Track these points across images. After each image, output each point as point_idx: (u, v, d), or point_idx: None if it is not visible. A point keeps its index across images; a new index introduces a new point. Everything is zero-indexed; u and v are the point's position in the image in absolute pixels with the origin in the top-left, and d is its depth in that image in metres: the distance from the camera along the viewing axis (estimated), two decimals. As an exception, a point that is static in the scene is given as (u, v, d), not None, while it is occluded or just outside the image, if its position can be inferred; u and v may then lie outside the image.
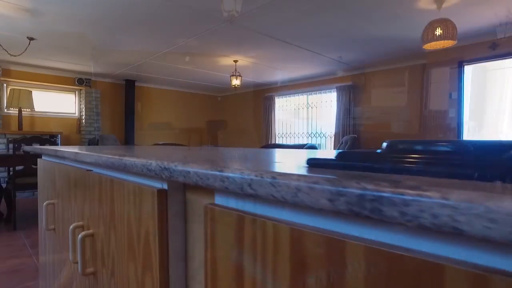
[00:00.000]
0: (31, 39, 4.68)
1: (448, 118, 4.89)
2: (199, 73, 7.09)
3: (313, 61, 5.84)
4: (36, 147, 1.66)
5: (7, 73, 6.44)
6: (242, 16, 3.87)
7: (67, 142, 7.16)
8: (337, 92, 6.95)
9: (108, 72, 7.06)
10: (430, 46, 3.43)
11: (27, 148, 1.69)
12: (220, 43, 4.90)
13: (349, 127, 6.67)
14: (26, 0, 3.47)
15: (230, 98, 9.76)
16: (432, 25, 3.31)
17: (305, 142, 7.86)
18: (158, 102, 8.72)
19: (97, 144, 4.00)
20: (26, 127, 6.62)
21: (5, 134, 4.75)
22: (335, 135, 6.98)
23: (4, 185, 3.85)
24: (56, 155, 1.27)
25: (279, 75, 7.10)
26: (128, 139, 7.83)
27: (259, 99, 8.71)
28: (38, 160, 1.61)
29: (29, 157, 3.34)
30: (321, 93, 7.44)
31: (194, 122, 9.52)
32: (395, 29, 4.26)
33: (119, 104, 8.01)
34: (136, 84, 8.15)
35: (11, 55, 4.78)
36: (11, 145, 4.41)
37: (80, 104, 7.41)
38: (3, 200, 4.03)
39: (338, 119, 6.92)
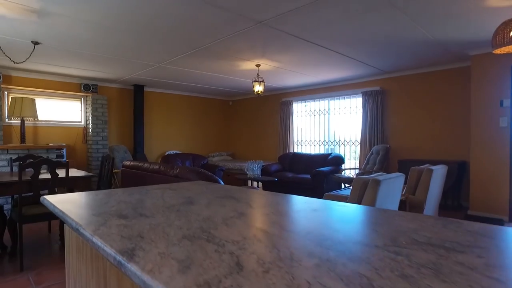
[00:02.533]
0: (35, 43, 4.19)
1: (499, 128, 4.41)
2: (214, 78, 6.60)
3: (341, 64, 5.36)
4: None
5: (8, 79, 5.94)
6: (274, 18, 3.39)
7: (73, 153, 6.67)
8: (363, 97, 6.46)
9: (116, 77, 6.57)
10: (503, 50, 2.95)
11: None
12: (245, 47, 4.42)
13: (377, 136, 6.18)
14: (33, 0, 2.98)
15: (242, 103, 9.26)
16: (508, 25, 2.82)
17: (327, 151, 7.37)
18: (168, 108, 8.23)
19: (113, 163, 3.53)
20: (29, 138, 6.12)
21: (7, 150, 4.25)
22: (361, 143, 6.49)
23: (8, 212, 3.36)
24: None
25: (300, 79, 6.62)
26: (137, 148, 7.33)
27: (275, 104, 8.22)
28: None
29: (38, 183, 2.86)
30: (344, 98, 6.96)
31: (205, 128, 9.03)
32: (442, 30, 3.79)
33: (127, 111, 7.51)
34: (145, 89, 7.65)
35: (14, 62, 4.28)
36: (14, 164, 3.91)
37: (86, 112, 6.91)
38: (6, 230, 3.54)
39: (364, 126, 6.43)
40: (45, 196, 1.39)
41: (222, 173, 6.75)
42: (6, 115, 5.92)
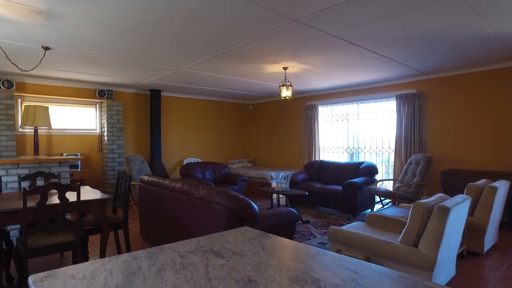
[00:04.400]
0: (46, 48, 3.84)
1: None
2: (236, 81, 6.17)
3: (375, 65, 4.85)
4: None
5: (21, 87, 5.66)
6: (312, 15, 2.93)
7: (88, 162, 6.35)
8: (397, 101, 5.91)
9: (132, 82, 6.22)
10: None
11: None
12: (274, 48, 3.97)
13: (414, 143, 5.62)
14: (39, 0, 2.60)
15: (262, 107, 8.81)
16: None
17: (354, 159, 6.84)
18: (185, 113, 7.85)
19: (130, 180, 3.13)
20: (42, 148, 5.83)
21: (18, 164, 3.92)
22: (395, 152, 5.94)
23: (15, 239, 3.00)
24: None
25: (327, 81, 6.12)
26: (154, 156, 6.97)
27: (299, 108, 7.73)
28: None
29: (46, 210, 2.48)
30: (376, 101, 6.42)
31: (224, 133, 8.61)
32: (497, 25, 3.24)
33: (144, 117, 7.16)
34: (162, 94, 7.29)
35: (22, 70, 3.95)
36: (24, 183, 3.56)
37: (102, 119, 6.59)
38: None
39: (399, 133, 5.88)
40: None
41: (245, 183, 6.32)
42: (20, 124, 5.64)
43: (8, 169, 3.91)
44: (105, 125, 6.43)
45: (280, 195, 5.45)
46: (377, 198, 5.76)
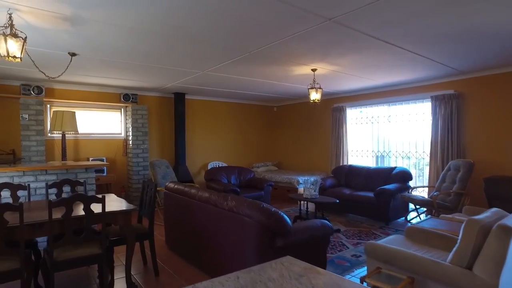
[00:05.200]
0: (72, 54, 3.81)
1: None
2: (262, 84, 6.00)
3: (411, 65, 4.55)
4: None
5: (50, 92, 5.73)
6: (348, 14, 2.72)
7: (113, 166, 6.37)
8: (432, 102, 5.55)
9: (156, 86, 6.17)
10: None
11: None
12: (304, 49, 3.77)
13: (452, 148, 5.25)
14: (65, 6, 2.54)
15: (288, 109, 8.59)
16: None
17: (383, 163, 6.51)
18: (209, 116, 7.76)
19: (155, 189, 3.02)
20: (69, 153, 5.88)
21: (46, 171, 3.92)
22: (430, 157, 5.58)
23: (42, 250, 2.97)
24: None
25: (356, 83, 5.84)
26: (179, 159, 6.91)
27: (326, 110, 7.46)
28: None
29: (71, 222, 2.40)
30: (408, 103, 6.07)
31: (248, 136, 8.47)
32: None
33: (168, 120, 7.12)
34: (186, 97, 7.22)
35: (49, 77, 3.95)
36: (51, 191, 3.54)
37: (126, 123, 6.59)
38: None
39: (434, 136, 5.52)
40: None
41: (271, 189, 6.14)
42: (49, 129, 5.71)
43: (37, 175, 3.92)
44: (130, 129, 6.42)
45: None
46: (411, 206, 5.43)
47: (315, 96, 4.69)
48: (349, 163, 7.00)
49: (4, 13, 2.65)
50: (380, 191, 5.02)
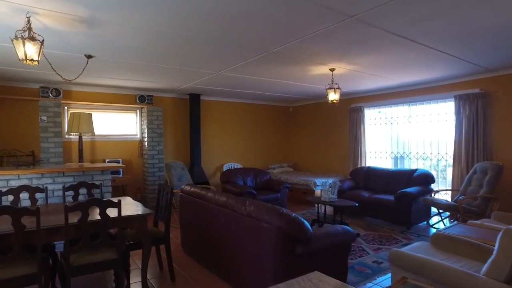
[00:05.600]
0: (89, 57, 3.80)
1: None
2: (279, 84, 5.90)
3: (434, 63, 4.37)
4: None
5: (67, 94, 5.78)
6: (371, 11, 2.59)
7: (129, 168, 6.38)
8: (455, 102, 5.33)
9: (172, 87, 6.15)
10: None
11: None
12: (323, 49, 3.65)
13: (477, 150, 5.02)
14: (81, 8, 2.51)
15: (304, 109, 8.46)
16: None
17: (402, 165, 6.30)
18: (224, 116, 7.71)
19: (171, 193, 2.96)
20: (86, 155, 5.92)
21: (63, 173, 3.93)
22: (454, 159, 5.36)
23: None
24: None
25: (375, 83, 5.67)
26: (194, 160, 6.87)
27: (343, 111, 7.29)
28: None
29: (87, 227, 2.36)
30: (430, 102, 5.86)
31: (263, 136, 8.37)
32: None
33: (183, 122, 7.10)
34: (201, 97, 7.18)
35: (66, 80, 3.95)
36: (67, 193, 3.54)
37: (142, 125, 6.60)
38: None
39: (458, 137, 5.30)
40: None
41: (287, 191, 6.03)
42: (66, 130, 5.76)
43: (55, 177, 3.94)
44: (145, 131, 6.43)
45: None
46: (433, 210, 5.23)
47: (333, 96, 4.56)
48: (367, 164, 6.82)
49: (23, 17, 2.65)
50: (401, 194, 4.84)
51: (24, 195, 3.37)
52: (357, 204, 4.63)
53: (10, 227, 2.16)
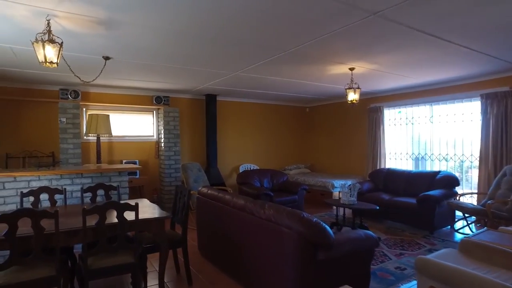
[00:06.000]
0: (106, 58, 3.81)
1: None
2: (296, 84, 5.80)
3: (460, 61, 4.19)
4: None
5: (86, 96, 5.85)
6: (395, 7, 2.47)
7: (146, 169, 6.41)
8: (481, 101, 5.11)
9: (188, 88, 6.14)
10: None
11: None
12: (343, 47, 3.54)
13: (507, 151, 4.80)
14: (99, 9, 2.49)
15: (320, 109, 8.32)
16: None
17: (430, 168, 6.09)
18: (240, 117, 7.66)
19: (189, 196, 2.92)
20: (104, 156, 5.98)
21: (81, 174, 3.95)
22: (480, 160, 5.13)
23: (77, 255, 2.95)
24: None
25: (396, 82, 5.50)
26: (210, 162, 6.85)
27: (362, 111, 7.13)
28: None
29: (105, 230, 2.34)
30: (454, 102, 5.65)
31: (279, 137, 8.27)
32: None
33: (199, 122, 7.09)
34: (217, 98, 7.15)
35: (84, 82, 3.97)
36: (85, 194, 3.56)
37: (158, 126, 6.62)
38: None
39: (485, 138, 5.07)
40: None
41: (305, 192, 5.92)
42: (84, 132, 5.83)
43: (73, 179, 3.96)
44: (162, 132, 6.44)
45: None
46: (458, 214, 5.02)
47: (353, 96, 4.43)
48: (386, 166, 6.64)
49: (43, 20, 2.66)
50: (424, 197, 4.67)
51: (44, 196, 3.40)
52: (378, 208, 4.49)
53: (30, 229, 2.16)
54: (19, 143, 5.36)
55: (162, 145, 6.44)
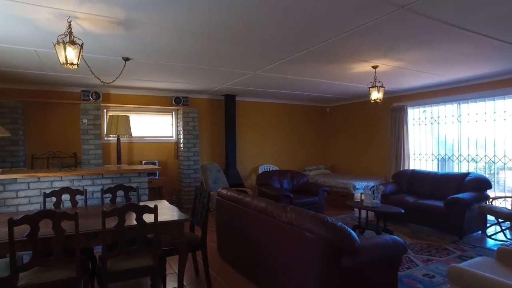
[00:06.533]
0: (126, 59, 3.82)
1: None
2: (316, 84, 5.67)
3: (493, 56, 3.95)
4: None
5: (106, 97, 5.92)
6: (422, 1, 2.33)
7: (165, 169, 6.43)
8: (514, 98, 4.83)
9: (207, 88, 6.11)
10: None
11: None
12: (367, 44, 3.40)
13: (542, 151, 4.51)
14: (118, 9, 2.47)
15: (341, 109, 8.13)
16: None
17: (455, 169, 5.82)
18: (259, 117, 7.58)
19: (209, 198, 2.86)
20: (124, 156, 6.04)
21: (102, 175, 3.97)
22: (513, 161, 4.85)
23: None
24: None
25: (421, 80, 5.28)
26: (229, 162, 6.80)
27: (384, 110, 6.91)
28: None
29: (124, 233, 2.31)
30: (484, 100, 5.37)
31: (299, 137, 8.14)
32: None
33: (218, 123, 7.06)
34: (236, 98, 7.10)
35: (104, 83, 4.00)
36: (105, 196, 3.57)
37: (178, 126, 6.63)
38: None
39: (518, 138, 4.79)
40: None
41: (326, 194, 5.78)
42: (105, 133, 5.90)
43: (94, 179, 3.99)
44: (181, 132, 6.44)
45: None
46: (490, 218, 4.75)
47: (376, 95, 4.27)
48: (410, 167, 6.40)
49: (65, 22, 2.67)
50: (453, 200, 4.44)
51: (65, 197, 3.43)
52: (403, 211, 4.31)
53: (52, 230, 2.15)
54: (43, 144, 5.48)
55: (181, 145, 6.44)
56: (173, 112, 6.70)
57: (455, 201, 4.43)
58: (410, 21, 2.76)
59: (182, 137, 6.42)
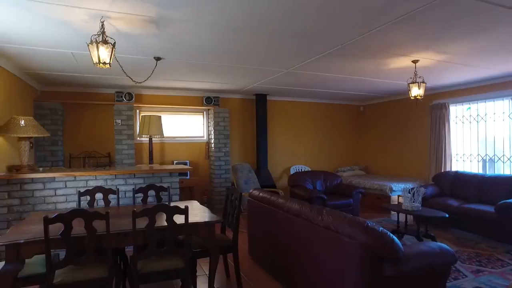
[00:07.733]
0: (157, 59, 3.82)
1: None
2: (351, 81, 5.44)
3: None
4: None
5: (139, 98, 6.03)
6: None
7: (196, 170, 6.44)
8: None
9: (239, 88, 6.05)
10: None
11: None
12: (406, 37, 3.17)
13: None
14: (151, 7, 2.44)
15: (376, 108, 7.79)
16: None
17: (499, 171, 5.35)
18: (290, 117, 7.42)
19: (240, 200, 2.76)
20: (156, 156, 6.11)
21: (134, 174, 4.01)
22: None
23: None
24: None
25: (466, 74, 4.90)
26: (261, 163, 6.70)
27: (423, 108, 6.51)
28: None
29: (154, 233, 2.26)
30: (538, 96, 4.89)
31: (331, 137, 7.89)
32: None
33: (249, 123, 6.98)
34: (268, 98, 6.98)
35: (136, 82, 4.02)
36: (137, 196, 3.58)
37: (209, 126, 6.63)
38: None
39: None
40: None
41: (361, 196, 5.53)
42: (137, 133, 6.00)
43: (126, 179, 4.03)
44: (212, 132, 6.43)
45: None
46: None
47: (417, 92, 3.99)
48: (452, 168, 5.98)
49: (98, 22, 2.68)
50: (505, 206, 4.06)
51: (99, 196, 3.47)
52: (447, 215, 4.00)
53: (84, 229, 2.15)
54: (80, 144, 5.66)
55: (212, 145, 6.43)
56: (204, 112, 6.71)
57: (509, 206, 4.05)
58: (456, 6, 2.50)
59: (213, 137, 6.41)
